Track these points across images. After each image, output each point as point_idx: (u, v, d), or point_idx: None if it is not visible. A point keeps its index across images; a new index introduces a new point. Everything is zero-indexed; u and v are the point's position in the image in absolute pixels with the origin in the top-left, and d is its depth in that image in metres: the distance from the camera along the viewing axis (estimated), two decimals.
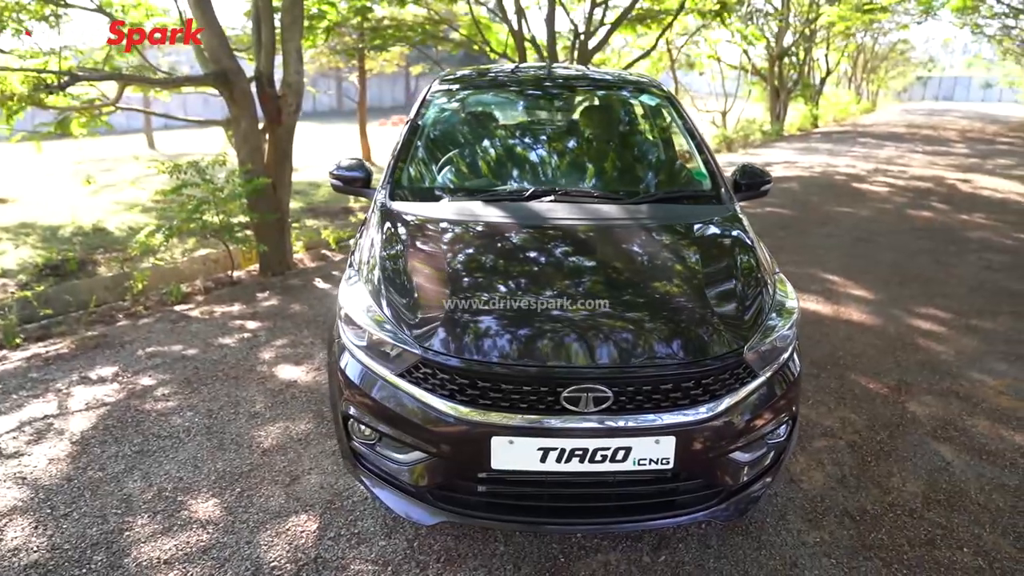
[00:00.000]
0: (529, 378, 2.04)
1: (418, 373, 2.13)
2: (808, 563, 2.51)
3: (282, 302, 5.26)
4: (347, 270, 2.61)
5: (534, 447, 2.05)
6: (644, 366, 2.06)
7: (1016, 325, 4.92)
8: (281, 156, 6.45)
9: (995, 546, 2.64)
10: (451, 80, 3.63)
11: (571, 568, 2.43)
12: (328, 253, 7.32)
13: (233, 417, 3.40)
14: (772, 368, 2.27)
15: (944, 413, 3.62)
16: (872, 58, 36.67)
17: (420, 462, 2.19)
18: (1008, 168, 13.69)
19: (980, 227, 8.15)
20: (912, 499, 2.91)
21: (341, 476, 2.91)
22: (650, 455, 2.08)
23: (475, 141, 3.37)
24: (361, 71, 14.38)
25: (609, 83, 3.80)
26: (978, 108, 45.49)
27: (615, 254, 2.55)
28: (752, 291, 2.39)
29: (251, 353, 4.20)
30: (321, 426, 3.32)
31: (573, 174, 3.23)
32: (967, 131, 24.20)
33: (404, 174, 3.10)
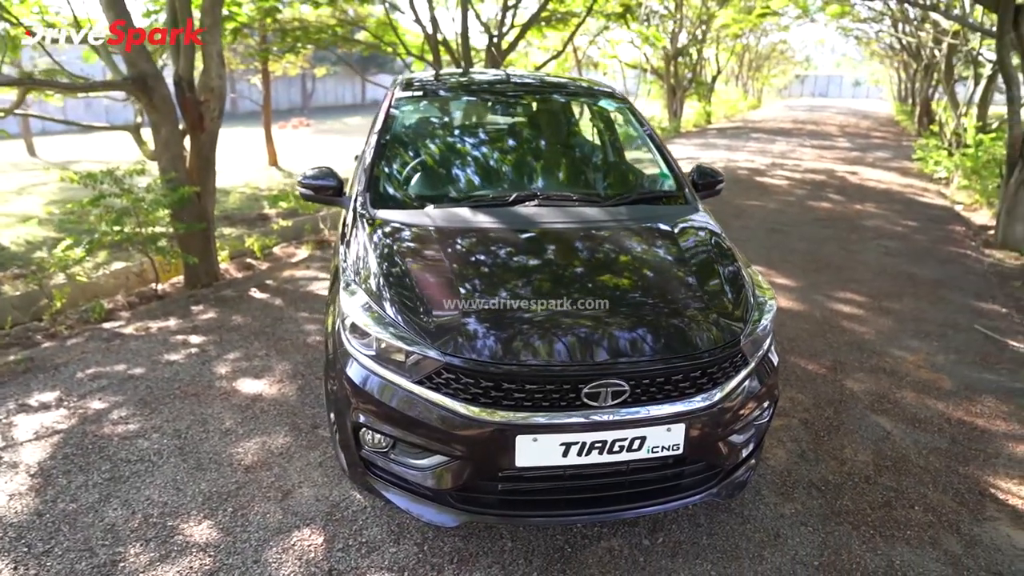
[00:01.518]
0: (552, 377, 2.13)
1: (439, 379, 2.17)
2: (789, 532, 2.73)
3: (221, 315, 5.08)
4: (341, 279, 2.60)
5: (557, 443, 2.14)
6: (657, 359, 2.20)
7: (919, 305, 5.44)
8: (204, 163, 6.20)
9: (940, 502, 2.96)
10: (414, 86, 3.64)
11: (578, 557, 2.54)
12: (254, 262, 7.08)
13: (204, 436, 3.29)
14: (759, 355, 2.46)
15: (877, 388, 3.98)
16: (756, 57, 38.85)
17: (441, 466, 2.23)
18: (886, 161, 14.93)
19: (873, 216, 8.89)
20: (865, 467, 3.20)
21: (335, 487, 2.89)
22: (662, 442, 2.21)
23: (450, 147, 3.41)
24: (265, 73, 13.90)
25: (570, 89, 3.93)
26: (850, 104, 49.15)
27: (609, 254, 2.67)
28: (737, 284, 2.58)
29: (205, 369, 4.05)
30: (300, 438, 3.27)
31: (549, 178, 3.33)
32: (845, 126, 26.12)
33: (383, 182, 3.10)
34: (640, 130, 3.60)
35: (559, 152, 3.59)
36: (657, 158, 3.47)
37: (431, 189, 3.15)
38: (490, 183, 3.26)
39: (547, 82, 4.01)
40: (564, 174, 3.39)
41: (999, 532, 2.80)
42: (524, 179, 3.29)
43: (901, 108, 30.27)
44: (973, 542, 2.73)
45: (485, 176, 3.29)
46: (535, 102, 3.87)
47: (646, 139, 3.56)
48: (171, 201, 5.67)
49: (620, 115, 3.72)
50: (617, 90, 3.89)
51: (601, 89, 3.90)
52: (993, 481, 3.14)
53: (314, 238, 7.72)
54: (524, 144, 3.60)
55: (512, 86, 3.85)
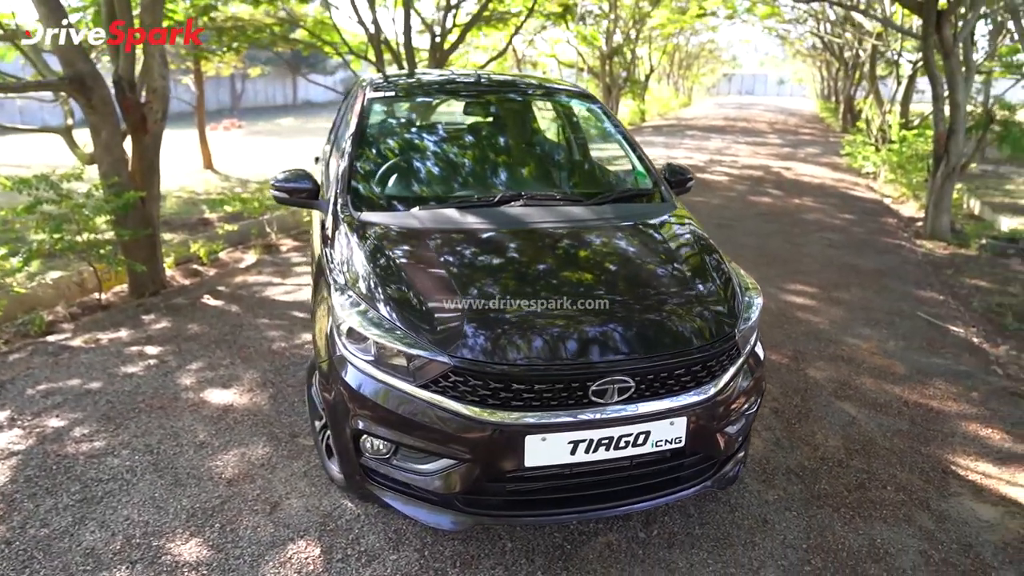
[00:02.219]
0: (561, 376, 2.14)
1: (446, 382, 2.15)
2: (775, 518, 2.82)
3: (175, 324, 4.89)
4: (330, 284, 2.54)
5: (565, 441, 2.16)
6: (660, 354, 2.24)
7: (865, 294, 5.71)
8: (148, 167, 5.95)
9: (908, 481, 3.12)
10: (386, 87, 3.59)
11: (579, 553, 2.57)
12: (201, 269, 6.83)
13: (178, 450, 3.17)
14: (748, 348, 2.53)
15: (838, 375, 4.15)
16: (686, 57, 39.84)
17: (448, 469, 2.21)
18: (816, 156, 15.57)
19: (812, 210, 9.26)
20: (836, 452, 3.34)
21: (324, 496, 2.83)
22: (666, 436, 2.26)
23: (428, 148, 3.37)
24: (198, 73, 13.40)
25: (543, 89, 3.95)
26: (776, 102, 50.99)
27: (602, 252, 2.70)
28: (726, 280, 2.65)
29: (167, 381, 3.90)
30: (280, 448, 3.19)
31: (531, 178, 3.34)
32: (774, 123, 27.09)
33: (362, 184, 3.05)
34: (614, 129, 3.65)
35: (538, 152, 3.60)
36: (632, 157, 3.53)
37: (413, 191, 3.12)
38: (472, 184, 3.24)
39: (519, 82, 4.02)
40: (545, 174, 3.41)
41: (964, 506, 2.96)
42: (506, 179, 3.28)
43: (825, 105, 31.58)
44: (943, 517, 2.88)
45: (466, 177, 3.27)
46: (509, 102, 3.87)
47: (620, 138, 3.61)
48: (115, 207, 5.43)
49: (592, 115, 3.76)
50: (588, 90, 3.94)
51: (573, 89, 3.94)
52: (952, 459, 3.32)
53: (261, 242, 7.51)
54: (502, 144, 3.59)
55: (485, 86, 3.84)
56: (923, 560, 2.62)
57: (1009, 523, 2.87)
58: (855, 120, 22.00)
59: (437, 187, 3.16)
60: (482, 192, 3.11)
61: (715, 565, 2.55)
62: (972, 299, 5.73)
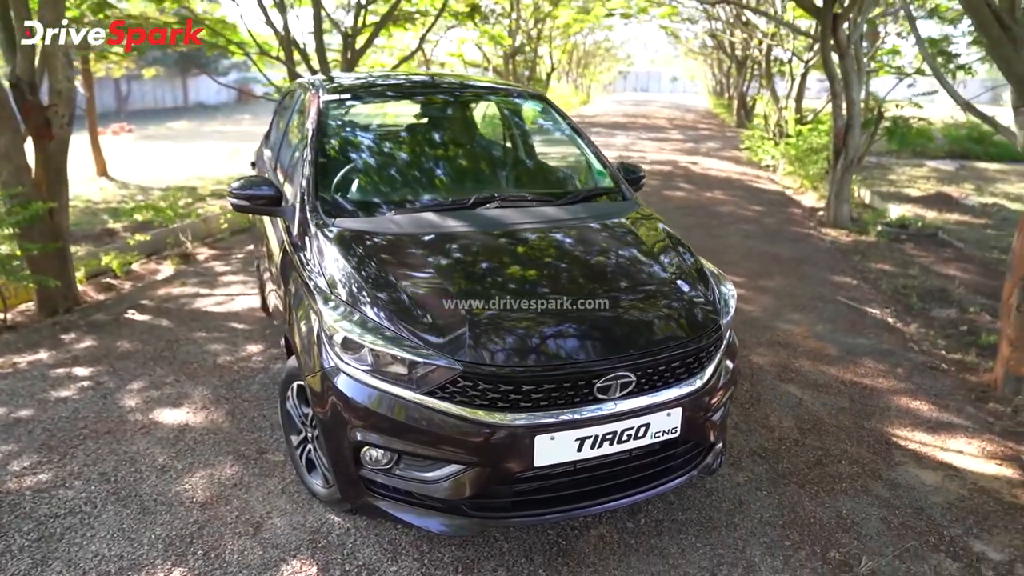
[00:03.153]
0: (569, 375, 2.17)
1: (454, 388, 2.14)
2: (749, 498, 2.97)
3: (102, 342, 4.58)
4: (313, 294, 2.46)
5: (572, 438, 2.20)
6: (659, 348, 2.31)
7: (788, 281, 6.06)
8: (55, 175, 5.53)
9: (859, 455, 3.36)
10: (340, 89, 3.49)
11: (575, 548, 2.61)
12: (115, 282, 6.41)
13: (138, 476, 2.98)
14: (728, 338, 2.65)
15: (778, 360, 4.40)
16: (584, 55, 40.73)
17: (456, 475, 2.20)
18: (718, 151, 16.32)
19: (724, 202, 9.71)
20: (791, 432, 3.54)
21: (308, 512, 2.74)
22: (663, 427, 2.34)
23: (392, 152, 3.31)
24: (87, 74, 12.50)
25: (495, 91, 3.95)
26: (670, 98, 53.02)
27: (586, 251, 2.75)
28: (703, 273, 2.77)
29: (109, 403, 3.65)
30: (249, 467, 3.06)
31: (498, 179, 3.34)
32: (673, 119, 28.13)
33: (330, 189, 2.96)
34: (570, 129, 3.71)
35: (500, 153, 3.60)
36: (590, 156, 3.60)
37: (384, 195, 3.06)
38: (441, 186, 3.22)
39: (472, 84, 4.00)
40: (511, 175, 3.42)
41: (910, 474, 3.22)
42: (474, 181, 3.28)
43: (717, 102, 33.10)
44: (894, 485, 3.12)
45: (435, 180, 3.24)
46: (466, 104, 3.86)
47: (576, 138, 3.68)
48: (22, 219, 5.01)
49: (547, 115, 3.80)
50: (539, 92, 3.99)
51: (525, 91, 3.97)
52: (892, 431, 3.59)
53: (177, 252, 7.12)
54: (464, 146, 3.58)
55: (440, 88, 3.80)
56: (885, 526, 2.83)
57: (949, 485, 3.14)
58: (749, 116, 23.23)
59: (407, 191, 3.12)
60: (453, 194, 3.10)
61: (703, 548, 2.66)
62: (880, 282, 6.20)
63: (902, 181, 12.19)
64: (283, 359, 4.17)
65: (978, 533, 2.83)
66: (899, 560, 2.64)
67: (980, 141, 13.81)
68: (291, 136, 3.66)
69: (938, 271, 6.76)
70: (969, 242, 7.97)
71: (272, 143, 4.21)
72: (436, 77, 3.89)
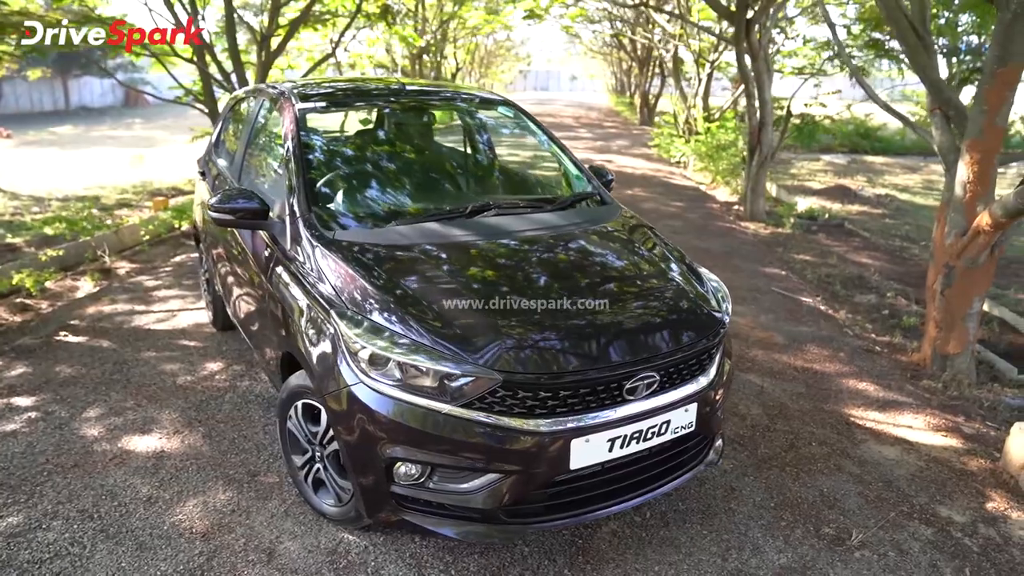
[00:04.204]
0: (602, 378, 2.23)
1: (493, 397, 2.15)
2: (739, 484, 3.14)
3: (37, 368, 4.24)
4: (327, 310, 2.39)
5: (604, 439, 2.26)
6: (679, 348, 2.41)
7: (724, 274, 6.34)
8: None
9: (825, 436, 3.60)
10: (313, 97, 3.38)
11: (592, 546, 2.68)
12: (30, 302, 5.94)
13: (124, 510, 2.80)
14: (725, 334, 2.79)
15: (734, 350, 4.62)
16: (486, 55, 40.90)
17: (493, 484, 2.22)
18: (628, 148, 16.84)
19: (645, 199, 10.06)
20: (761, 419, 3.75)
21: (319, 533, 2.67)
22: (682, 423, 2.44)
23: (377, 161, 3.25)
24: None
25: (466, 98, 3.93)
26: (571, 97, 54.10)
27: (591, 256, 2.82)
28: (698, 273, 2.89)
29: (66, 434, 3.40)
30: (244, 490, 2.94)
31: (486, 187, 3.34)
32: (579, 117, 28.74)
33: (322, 202, 2.87)
34: (543, 134, 3.76)
35: (482, 160, 3.60)
36: (565, 161, 3.66)
37: (378, 205, 3.00)
38: (433, 195, 3.19)
39: (443, 91, 3.97)
40: (496, 181, 3.43)
41: (872, 450, 3.49)
42: (461, 188, 3.27)
43: (619, 100, 34.06)
44: (862, 461, 3.38)
45: (425, 188, 3.21)
46: (439, 111, 3.83)
47: (550, 144, 3.73)
48: None
49: (517, 122, 3.83)
50: (508, 98, 4.02)
51: (494, 97, 3.98)
52: (848, 412, 3.88)
53: (95, 267, 6.66)
54: (444, 153, 3.55)
55: (410, 94, 3.74)
56: (863, 500, 3.07)
57: (907, 458, 3.43)
58: (652, 113, 24.08)
59: (401, 200, 3.07)
60: (445, 203, 3.08)
61: (711, 535, 2.79)
62: (806, 272, 6.63)
63: (802, 175, 13.01)
64: (249, 376, 4.04)
65: (941, 499, 3.11)
66: (882, 530, 2.87)
67: (866, 136, 14.94)
68: (260, 146, 3.53)
69: (852, 259, 7.29)
70: (873, 231, 8.63)
71: (230, 153, 4.03)
72: (402, 83, 3.83)
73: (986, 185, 4.27)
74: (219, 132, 4.44)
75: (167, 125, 22.75)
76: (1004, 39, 3.96)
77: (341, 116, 3.83)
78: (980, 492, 3.18)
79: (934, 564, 2.69)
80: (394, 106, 3.63)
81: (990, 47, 4.07)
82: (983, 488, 3.21)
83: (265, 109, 3.60)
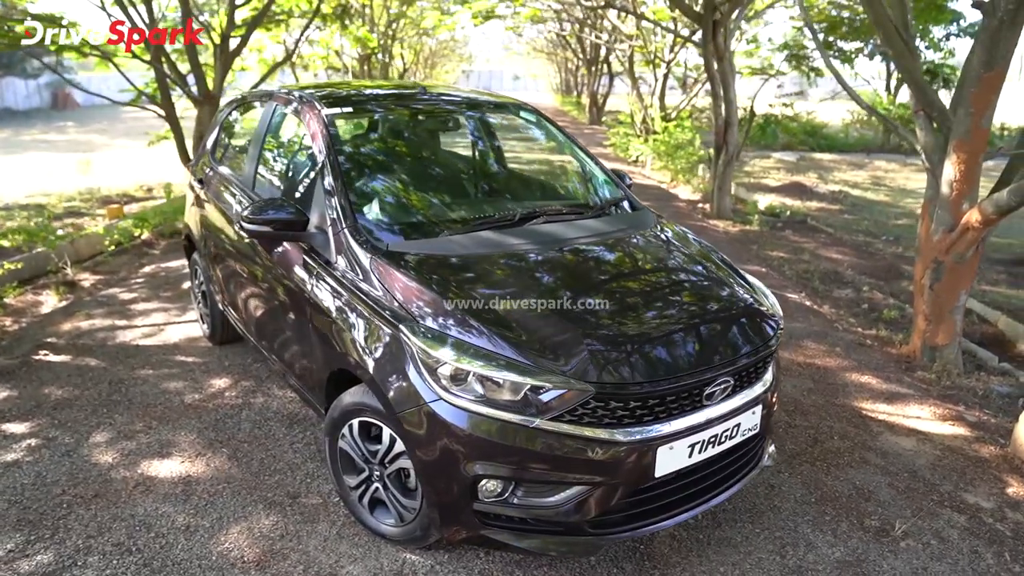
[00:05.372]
0: (686, 385, 2.24)
1: (584, 409, 2.13)
2: (777, 481, 3.21)
3: (23, 391, 3.99)
4: (395, 324, 2.31)
5: (686, 445, 2.27)
6: (749, 351, 2.44)
7: None
8: None
9: (844, 430, 3.71)
10: (339, 103, 3.26)
11: (655, 551, 2.70)
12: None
13: (164, 542, 2.66)
14: None
15: None
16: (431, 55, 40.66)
17: (580, 496, 2.20)
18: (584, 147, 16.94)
19: None
20: (781, 415, 3.84)
21: (380, 555, 2.59)
22: (749, 425, 2.48)
23: (416, 169, 3.17)
24: None
25: (491, 103, 3.87)
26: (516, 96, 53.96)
27: (649, 262, 2.84)
28: (743, 276, 2.93)
29: (77, 461, 3.21)
30: (288, 514, 2.83)
31: (526, 193, 3.30)
32: None
33: (367, 211, 2.78)
34: (566, 140, 3.75)
35: (512, 166, 3.55)
36: (592, 165, 3.66)
37: (425, 214, 2.92)
38: (474, 203, 3.13)
39: (466, 96, 3.89)
40: (530, 188, 3.39)
41: (890, 441, 3.61)
42: (500, 195, 3.22)
43: (565, 99, 34.31)
44: (884, 453, 3.49)
45: (464, 196, 3.15)
46: (466, 117, 3.76)
47: (574, 148, 3.72)
48: None
49: (539, 126, 3.80)
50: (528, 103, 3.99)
51: (515, 103, 3.93)
52: (859, 405, 4.00)
53: (57, 280, 6.31)
54: (477, 159, 3.49)
55: (436, 100, 3.66)
56: (895, 491, 3.17)
57: (924, 448, 3.57)
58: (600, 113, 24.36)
59: (447, 208, 3.00)
60: (488, 211, 3.03)
61: (763, 532, 2.84)
62: (784, 268, 6.82)
63: (757, 172, 13.38)
64: (261, 392, 3.90)
65: (964, 487, 3.24)
66: (920, 520, 2.97)
67: (813, 134, 15.50)
68: (279, 153, 3.39)
69: (824, 255, 7.54)
70: (836, 227, 8.95)
71: (237, 160, 3.86)
72: (422, 86, 3.74)
73: (972, 184, 4.47)
74: (216, 138, 4.26)
75: (103, 128, 21.73)
76: (990, 45, 4.14)
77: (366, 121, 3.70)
78: (998, 478, 3.33)
79: (975, 550, 2.80)
80: (420, 111, 3.55)
81: (975, 53, 4.26)
82: (999, 474, 3.36)
83: (280, 114, 3.47)
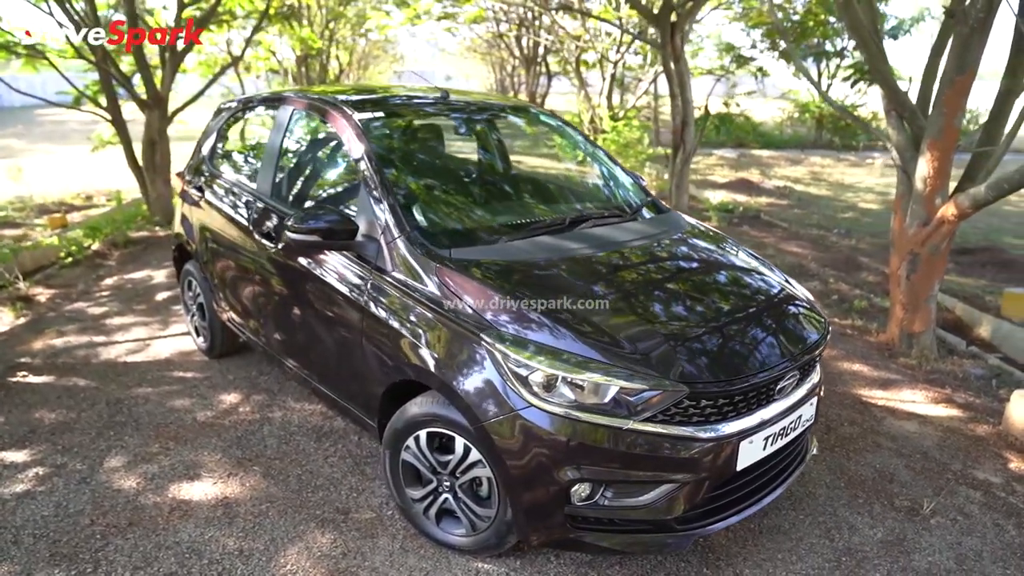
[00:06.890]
0: (764, 381, 2.31)
1: (676, 409, 2.17)
2: (807, 470, 3.33)
3: (11, 417, 3.73)
4: (480, 333, 2.28)
5: (761, 438, 2.35)
6: (810, 346, 2.54)
7: None
8: None
9: (853, 417, 3.90)
10: (368, 108, 3.18)
11: (715, 543, 2.78)
12: None
13: (220, 569, 2.55)
14: None
15: None
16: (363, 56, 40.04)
17: (669, 494, 2.24)
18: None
19: None
20: None
21: (453, 567, 2.57)
22: (808, 416, 2.60)
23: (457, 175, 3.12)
24: None
25: (513, 109, 3.84)
26: None
27: (703, 262, 2.89)
28: (780, 274, 3.03)
29: (97, 488, 3.04)
30: (344, 531, 2.76)
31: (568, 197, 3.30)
32: None
33: (421, 220, 2.73)
34: (588, 144, 3.77)
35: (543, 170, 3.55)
36: (617, 170, 3.68)
37: (477, 221, 2.89)
38: (519, 208, 3.11)
39: (488, 102, 3.85)
40: (565, 191, 3.40)
41: (896, 425, 3.82)
42: (541, 200, 3.21)
43: None
44: (893, 436, 3.69)
45: (508, 200, 3.13)
46: (490, 122, 3.73)
47: (597, 152, 3.75)
48: None
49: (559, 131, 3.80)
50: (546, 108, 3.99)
51: (533, 108, 3.93)
52: (858, 392, 4.21)
53: (9, 295, 5.92)
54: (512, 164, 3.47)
55: (462, 106, 3.60)
56: (912, 472, 3.36)
57: (926, 430, 3.78)
58: None
59: (497, 215, 2.98)
60: (536, 215, 3.03)
61: (808, 518, 2.96)
62: None
63: (702, 169, 13.79)
64: (278, 406, 3.79)
65: (972, 464, 3.46)
66: (943, 498, 3.16)
67: (749, 131, 16.07)
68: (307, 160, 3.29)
69: (785, 249, 7.86)
70: (790, 221, 9.33)
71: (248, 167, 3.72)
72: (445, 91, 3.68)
73: (944, 180, 4.76)
74: (215, 143, 4.09)
75: (19, 133, 20.37)
76: (962, 50, 4.42)
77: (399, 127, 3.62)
78: (998, 455, 3.56)
79: (997, 524, 3.00)
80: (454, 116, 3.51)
81: (948, 57, 4.53)
82: (998, 451, 3.60)
83: (299, 119, 3.36)
